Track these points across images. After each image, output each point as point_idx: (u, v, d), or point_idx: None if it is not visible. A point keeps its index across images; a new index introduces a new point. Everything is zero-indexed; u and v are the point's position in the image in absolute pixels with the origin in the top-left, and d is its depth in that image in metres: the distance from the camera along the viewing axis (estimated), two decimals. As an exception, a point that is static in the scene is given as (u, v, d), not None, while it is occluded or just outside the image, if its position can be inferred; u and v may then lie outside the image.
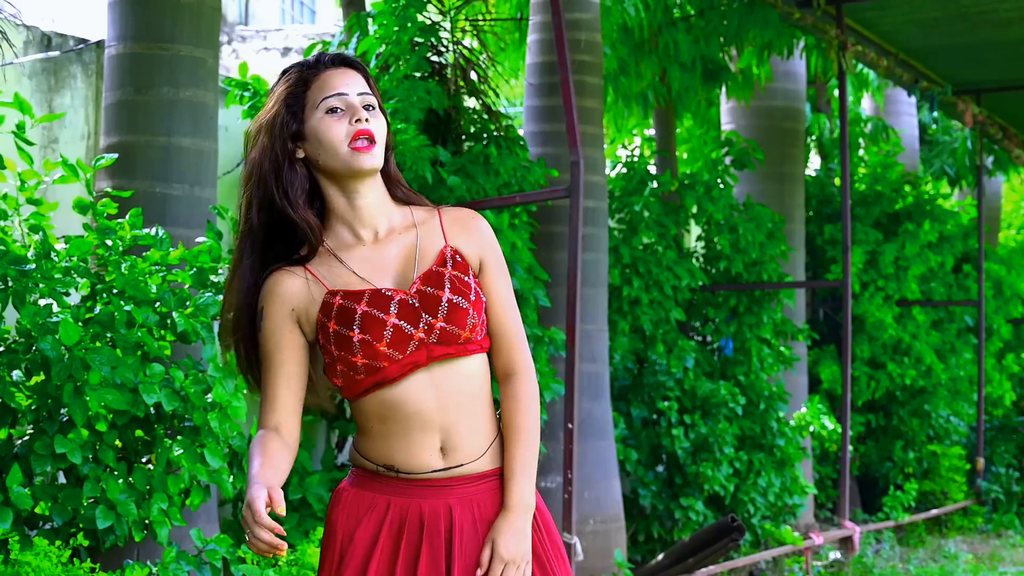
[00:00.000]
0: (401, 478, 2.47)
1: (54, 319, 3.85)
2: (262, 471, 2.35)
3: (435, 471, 2.46)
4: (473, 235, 2.53)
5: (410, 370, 2.42)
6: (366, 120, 2.43)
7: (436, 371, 2.44)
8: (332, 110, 2.44)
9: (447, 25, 7.05)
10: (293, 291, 2.47)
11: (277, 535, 2.25)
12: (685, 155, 10.49)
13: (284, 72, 2.51)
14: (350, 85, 2.46)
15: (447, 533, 2.45)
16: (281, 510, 2.28)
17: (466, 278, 2.47)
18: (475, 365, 2.49)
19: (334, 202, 2.49)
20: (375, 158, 2.44)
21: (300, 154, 2.47)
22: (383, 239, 2.49)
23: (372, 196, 2.49)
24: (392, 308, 2.42)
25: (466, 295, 2.45)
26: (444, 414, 2.44)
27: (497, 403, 2.57)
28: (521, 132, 7.10)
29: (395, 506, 2.46)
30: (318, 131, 2.44)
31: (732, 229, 8.49)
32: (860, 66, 11.16)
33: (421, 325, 2.42)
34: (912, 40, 9.44)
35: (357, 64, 2.50)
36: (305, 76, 2.48)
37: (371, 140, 2.43)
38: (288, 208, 2.46)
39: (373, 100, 2.47)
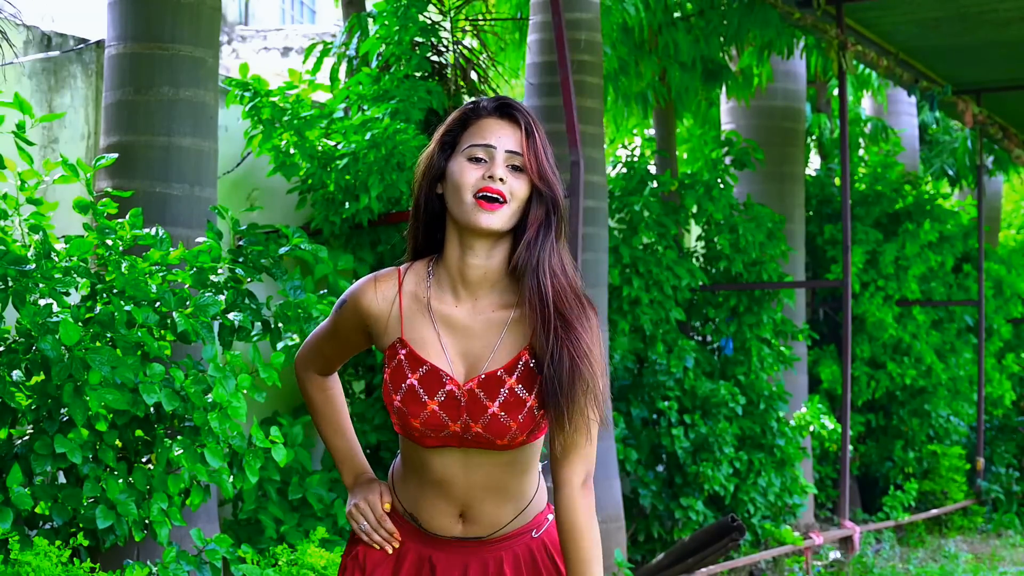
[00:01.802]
0: (422, 529, 2.51)
1: (54, 319, 3.85)
2: (355, 448, 2.63)
3: (454, 536, 2.49)
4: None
5: (442, 445, 2.42)
6: (500, 180, 2.34)
7: (472, 455, 2.42)
8: (474, 159, 2.38)
9: (447, 25, 7.06)
10: (373, 312, 2.46)
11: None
12: (685, 155, 10.49)
13: (460, 108, 2.47)
14: (502, 140, 2.38)
15: None
16: (389, 506, 2.54)
17: (524, 395, 2.35)
18: (516, 455, 2.43)
19: (449, 249, 2.42)
20: (496, 219, 2.34)
21: (439, 190, 2.44)
22: (479, 309, 2.41)
23: (487, 260, 2.39)
24: (439, 395, 2.37)
25: (515, 414, 2.35)
26: (469, 491, 2.44)
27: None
28: (521, 132, 7.09)
29: (414, 551, 2.51)
30: (453, 174, 2.39)
31: (732, 229, 8.49)
32: (860, 66, 11.15)
33: (459, 422, 2.38)
34: (912, 40, 9.44)
35: (520, 118, 2.40)
36: (466, 117, 2.43)
37: (499, 200, 2.34)
38: (419, 231, 2.47)
39: (521, 161, 2.36)
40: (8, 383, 3.84)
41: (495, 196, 2.34)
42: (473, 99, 2.54)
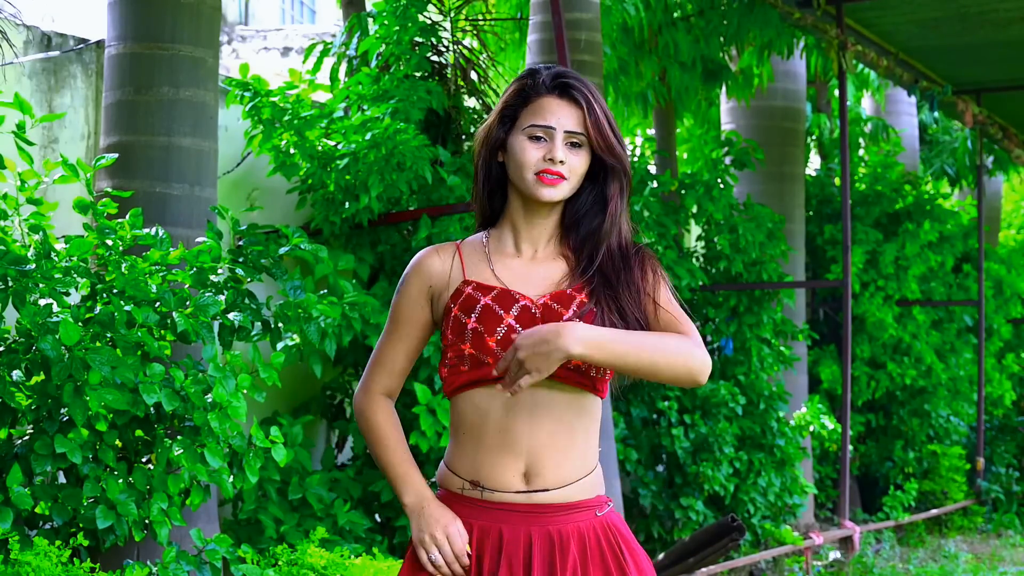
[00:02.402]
0: (484, 499, 2.48)
1: (54, 319, 3.85)
2: (420, 477, 2.55)
3: (517, 492, 2.46)
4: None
5: None
6: (560, 162, 2.47)
7: (539, 395, 2.44)
8: (534, 138, 2.49)
9: (447, 25, 7.06)
10: (435, 271, 2.56)
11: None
12: (685, 155, 10.49)
13: (518, 77, 2.58)
14: (561, 120, 2.49)
15: (526, 561, 2.45)
16: (468, 550, 2.48)
17: (596, 308, 2.46)
18: (581, 402, 2.48)
19: (513, 210, 2.56)
20: (558, 192, 2.49)
21: (500, 159, 2.56)
22: (538, 258, 2.55)
23: (547, 220, 2.55)
24: (514, 310, 2.47)
25: (589, 321, 2.43)
26: (533, 438, 2.45)
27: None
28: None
29: (478, 528, 2.48)
30: (515, 150, 2.51)
31: (732, 229, 8.49)
32: (860, 66, 11.16)
33: None
34: (912, 40, 9.44)
35: (578, 95, 2.51)
36: (526, 93, 2.53)
37: (560, 177, 2.48)
38: (482, 197, 2.60)
39: (581, 138, 2.49)
40: (8, 383, 3.84)
41: (557, 175, 2.47)
42: (530, 69, 2.58)
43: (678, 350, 2.41)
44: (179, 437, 4.09)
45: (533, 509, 2.46)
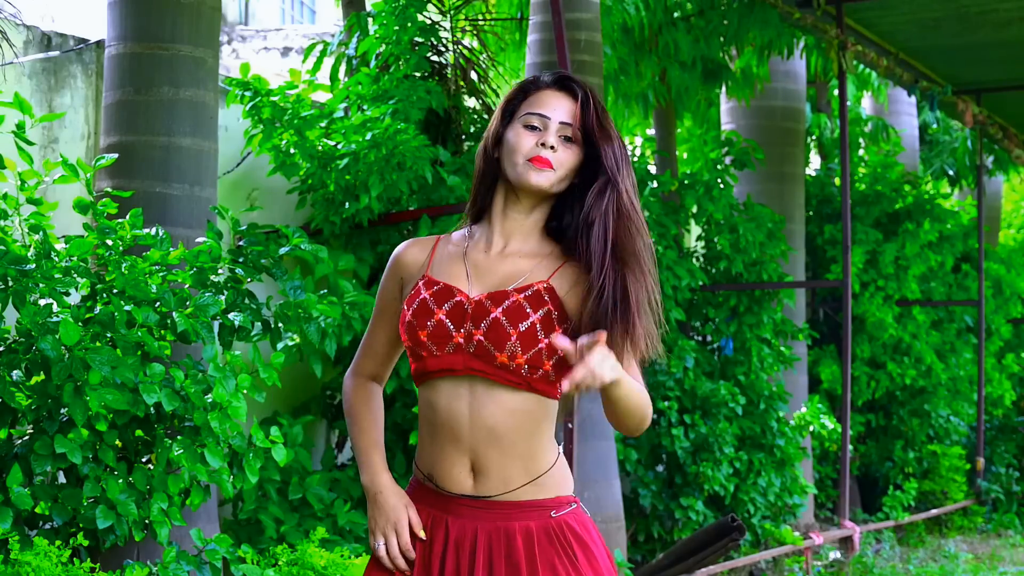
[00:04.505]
0: (441, 492, 2.53)
1: (54, 319, 3.85)
2: (383, 461, 2.61)
3: (465, 494, 2.51)
4: (585, 287, 2.47)
5: (448, 372, 2.48)
6: (551, 148, 2.50)
7: (478, 391, 2.48)
8: (529, 126, 2.54)
9: (447, 25, 7.06)
10: (409, 261, 2.64)
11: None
12: (685, 155, 10.49)
13: (521, 81, 2.65)
14: (557, 110, 2.54)
15: (471, 552, 2.50)
16: (422, 535, 2.54)
17: (530, 310, 2.45)
18: (521, 402, 2.47)
19: (495, 204, 2.60)
20: (545, 178, 2.51)
21: (496, 155, 2.59)
22: (506, 254, 2.56)
23: (525, 215, 2.57)
24: (447, 305, 2.50)
25: (517, 322, 2.44)
26: (474, 434, 2.48)
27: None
28: (521, 132, 7.08)
29: (432, 516, 2.55)
30: (510, 139, 2.55)
31: (732, 229, 8.49)
32: (860, 66, 11.16)
33: (462, 330, 2.47)
34: (912, 40, 9.44)
35: (576, 90, 2.56)
36: (527, 88, 2.60)
37: (549, 165, 2.51)
38: (478, 190, 2.63)
39: (574, 132, 2.52)
40: (8, 383, 3.84)
41: (546, 164, 2.51)
42: (535, 74, 2.65)
43: (648, 407, 2.50)
44: (179, 437, 4.08)
45: (482, 506, 2.50)
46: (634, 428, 2.50)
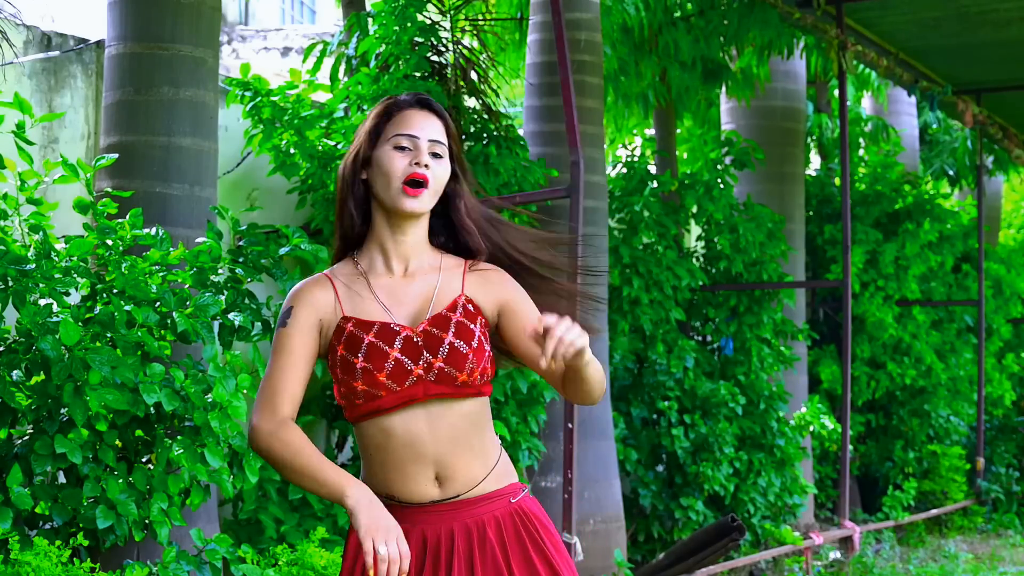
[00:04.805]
0: (405, 506, 2.57)
1: (54, 319, 3.85)
2: (370, 493, 2.48)
3: (433, 501, 2.57)
4: (492, 286, 2.67)
5: (406, 403, 2.54)
6: (425, 166, 2.58)
7: (433, 408, 2.55)
8: (399, 147, 2.60)
9: (447, 25, 7.05)
10: (323, 303, 2.60)
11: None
12: (685, 155, 10.49)
13: (381, 103, 2.70)
14: (424, 129, 2.61)
15: (448, 557, 2.55)
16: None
17: (472, 326, 2.58)
18: (473, 406, 2.59)
19: (379, 229, 2.64)
20: (421, 203, 2.59)
21: (363, 176, 2.64)
22: (410, 274, 2.63)
23: (413, 236, 2.64)
24: (397, 343, 2.54)
25: (468, 341, 2.56)
26: (437, 447, 2.55)
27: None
28: (521, 132, 7.10)
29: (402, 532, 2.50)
30: (381, 161, 2.60)
31: (732, 229, 8.49)
32: (860, 66, 11.16)
33: (421, 362, 2.53)
34: (912, 40, 9.44)
35: (439, 111, 2.66)
36: (390, 110, 2.65)
37: (423, 185, 2.58)
38: (346, 220, 2.66)
39: (442, 149, 2.63)
40: (8, 383, 3.84)
41: (420, 180, 2.57)
42: (392, 96, 2.72)
43: (603, 375, 2.63)
44: (179, 437, 4.09)
45: (450, 507, 2.57)
46: (598, 395, 2.61)
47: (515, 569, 2.56)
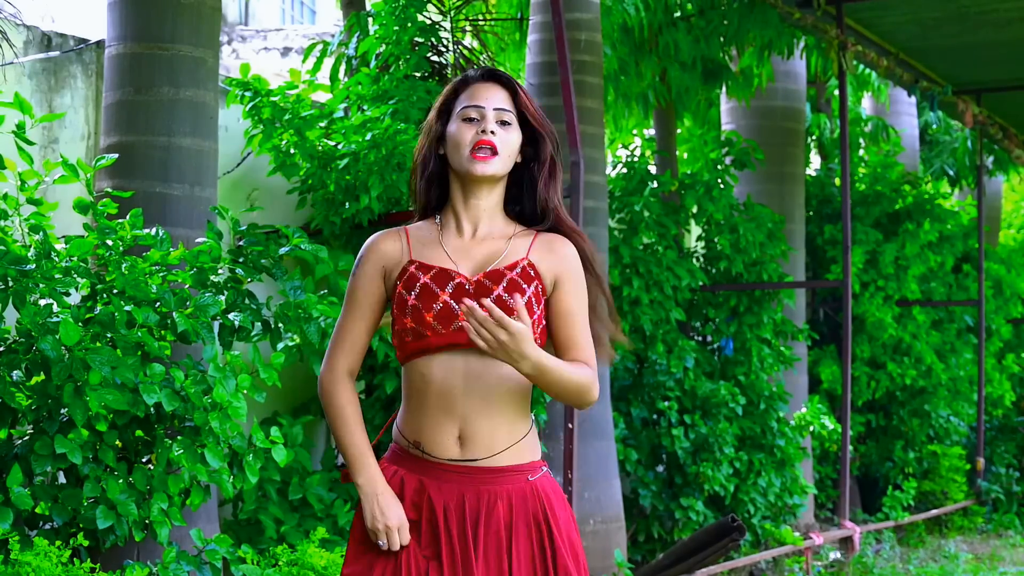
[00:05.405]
0: (426, 459, 2.71)
1: (54, 319, 3.85)
2: (375, 463, 2.76)
3: (452, 459, 2.69)
4: (555, 255, 2.79)
5: (449, 347, 2.67)
6: (491, 132, 2.74)
7: (473, 362, 2.67)
8: (467, 119, 2.77)
9: (447, 25, 7.05)
10: (388, 251, 2.79)
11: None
12: (685, 155, 10.49)
13: (451, 83, 2.87)
14: (490, 99, 2.77)
15: (459, 514, 2.68)
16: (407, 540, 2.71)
17: (525, 286, 2.71)
18: (511, 371, 2.67)
19: (454, 196, 2.81)
20: (490, 167, 2.74)
21: (441, 151, 2.83)
22: (479, 238, 2.79)
23: (485, 201, 2.80)
24: (449, 287, 2.69)
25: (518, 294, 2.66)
26: (467, 404, 2.67)
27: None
28: (521, 132, 7.08)
29: (419, 480, 2.72)
30: (452, 134, 2.78)
31: (732, 229, 8.49)
32: (860, 66, 11.16)
33: None
34: (912, 40, 9.44)
35: (504, 80, 2.81)
36: (457, 87, 2.83)
37: (492, 151, 2.74)
38: (420, 187, 2.85)
39: (510, 116, 2.78)
40: (8, 383, 3.84)
41: (488, 146, 2.73)
42: (465, 73, 2.90)
43: (586, 387, 2.72)
44: (179, 437, 4.08)
45: (467, 471, 2.69)
46: (576, 404, 2.73)
47: (516, 548, 2.66)
